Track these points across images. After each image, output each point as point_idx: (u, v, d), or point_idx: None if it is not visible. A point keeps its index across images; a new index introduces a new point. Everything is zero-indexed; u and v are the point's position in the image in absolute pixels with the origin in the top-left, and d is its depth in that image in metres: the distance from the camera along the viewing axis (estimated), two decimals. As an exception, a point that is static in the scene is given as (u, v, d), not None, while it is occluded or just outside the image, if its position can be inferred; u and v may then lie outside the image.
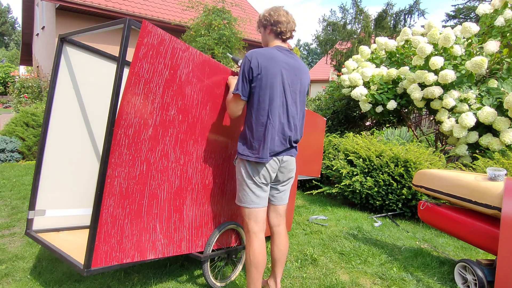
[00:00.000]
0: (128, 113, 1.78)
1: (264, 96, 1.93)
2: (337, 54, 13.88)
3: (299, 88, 2.08)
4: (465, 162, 4.17)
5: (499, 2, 4.49)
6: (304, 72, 2.13)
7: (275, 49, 2.03)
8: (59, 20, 9.56)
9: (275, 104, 1.95)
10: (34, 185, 2.34)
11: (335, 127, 6.08)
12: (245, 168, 2.00)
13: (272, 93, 1.94)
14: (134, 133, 1.83)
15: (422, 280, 2.56)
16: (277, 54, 2.00)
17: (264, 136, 1.94)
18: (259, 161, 1.95)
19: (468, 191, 2.44)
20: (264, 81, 1.93)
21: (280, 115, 1.98)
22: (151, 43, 1.80)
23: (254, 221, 2.02)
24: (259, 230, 2.02)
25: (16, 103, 10.84)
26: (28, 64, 19.04)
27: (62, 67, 2.39)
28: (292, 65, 2.04)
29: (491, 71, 4.47)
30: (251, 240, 2.00)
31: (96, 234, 1.74)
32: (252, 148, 1.96)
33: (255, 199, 2.02)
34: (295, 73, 2.05)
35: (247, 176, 2.00)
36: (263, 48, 2.06)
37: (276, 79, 1.95)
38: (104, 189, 1.74)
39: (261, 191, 2.03)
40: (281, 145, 2.00)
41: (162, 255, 2.03)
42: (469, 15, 17.70)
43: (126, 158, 1.81)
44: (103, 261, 1.76)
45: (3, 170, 5.36)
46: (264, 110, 1.94)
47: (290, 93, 2.01)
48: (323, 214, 4.13)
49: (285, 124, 2.00)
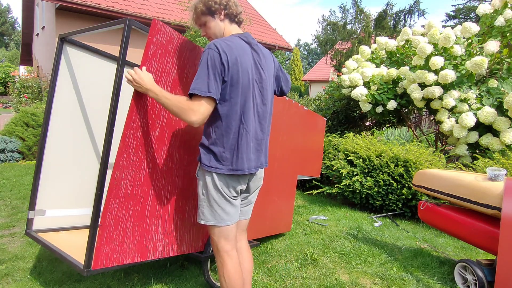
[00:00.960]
0: (138, 114, 1.75)
1: (236, 97, 1.63)
2: (337, 54, 13.88)
3: (268, 82, 1.80)
4: (465, 162, 4.17)
5: (499, 2, 4.49)
6: (268, 59, 1.83)
7: (237, 38, 1.71)
8: (59, 20, 9.56)
9: (248, 105, 1.67)
10: (34, 185, 2.34)
11: (335, 127, 6.08)
12: (212, 182, 1.69)
13: (245, 93, 1.66)
14: (142, 135, 1.81)
15: (422, 280, 2.56)
16: (243, 44, 1.70)
17: (238, 144, 1.66)
18: (234, 173, 1.67)
19: (468, 191, 2.44)
20: (235, 78, 1.62)
21: (252, 118, 1.71)
22: (160, 41, 1.77)
23: (225, 239, 1.76)
24: (231, 248, 1.77)
25: (16, 103, 10.85)
26: (28, 64, 19.05)
27: (62, 67, 2.39)
28: (257, 55, 1.75)
29: (491, 71, 4.47)
30: (224, 261, 1.74)
31: (97, 235, 1.72)
32: (223, 159, 1.66)
33: (225, 216, 1.74)
34: (261, 64, 1.76)
35: (216, 191, 1.70)
36: (226, 37, 1.69)
37: (247, 75, 1.67)
38: (110, 192, 1.72)
39: (231, 206, 1.75)
40: (256, 152, 1.76)
41: (163, 255, 2.03)
42: (469, 15, 17.70)
43: (134, 160, 1.79)
44: (104, 263, 1.76)
45: (3, 170, 5.36)
46: (237, 113, 1.65)
47: (259, 90, 1.75)
48: (323, 214, 4.13)
49: (258, 127, 1.76)
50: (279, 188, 2.96)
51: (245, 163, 1.69)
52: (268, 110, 1.81)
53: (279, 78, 1.98)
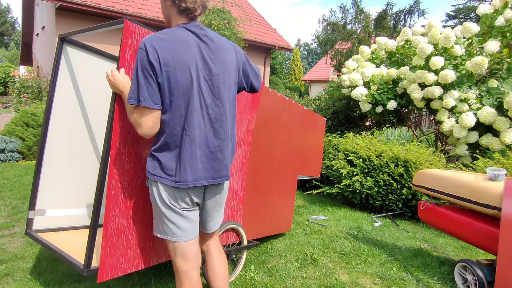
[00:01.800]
0: (125, 119, 1.71)
1: (177, 99, 1.43)
2: (337, 54, 13.88)
3: (223, 78, 1.54)
4: (465, 162, 4.17)
5: (499, 2, 4.49)
6: (226, 51, 1.56)
7: (180, 28, 1.49)
8: (59, 20, 9.56)
9: (191, 108, 1.44)
10: (34, 185, 2.34)
11: (335, 127, 6.08)
12: (158, 192, 1.52)
13: (188, 93, 1.44)
14: (133, 140, 1.78)
15: (422, 280, 2.56)
16: (186, 35, 1.47)
17: (180, 153, 1.46)
18: (177, 186, 1.48)
19: (468, 191, 2.44)
20: (173, 78, 1.41)
21: (200, 122, 1.48)
22: (137, 43, 1.72)
23: (182, 258, 1.57)
24: (190, 269, 1.57)
25: (16, 103, 10.84)
26: (28, 64, 19.06)
27: (62, 67, 2.39)
28: (206, 47, 1.51)
29: (491, 71, 4.47)
30: (181, 282, 1.57)
31: (101, 248, 1.69)
32: (167, 168, 1.48)
33: (177, 231, 1.54)
34: (211, 57, 1.51)
35: (162, 203, 1.52)
36: (164, 30, 1.50)
37: (189, 72, 1.43)
38: (108, 202, 1.69)
39: (184, 220, 1.55)
40: (208, 161, 1.52)
41: (165, 259, 2.02)
42: (469, 15, 17.69)
43: (128, 167, 1.77)
44: (109, 275, 1.74)
45: (3, 170, 5.36)
46: (180, 117, 1.44)
47: (209, 88, 1.50)
48: (323, 214, 4.13)
49: (209, 133, 1.52)
50: (279, 188, 2.96)
51: (188, 175, 1.47)
52: (225, 111, 1.56)
53: (247, 73, 1.71)
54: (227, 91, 1.57)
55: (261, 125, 2.60)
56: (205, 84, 1.49)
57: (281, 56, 28.68)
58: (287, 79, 29.12)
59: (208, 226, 1.74)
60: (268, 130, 2.70)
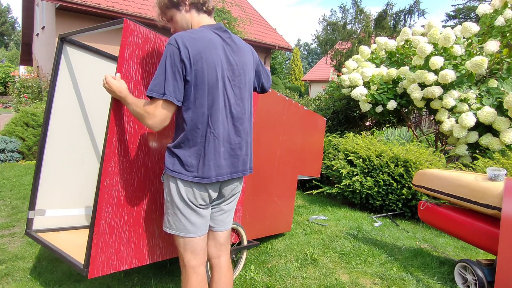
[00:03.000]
0: (121, 118, 1.72)
1: (201, 97, 1.47)
2: (337, 54, 13.88)
3: (244, 78, 1.61)
4: (465, 162, 4.17)
5: (499, 2, 4.49)
6: (246, 53, 1.63)
7: (206, 29, 1.53)
8: (59, 20, 9.57)
9: (216, 106, 1.49)
10: (34, 185, 2.34)
11: (335, 127, 6.08)
12: (176, 188, 1.54)
13: (213, 93, 1.49)
14: (130, 138, 1.77)
15: (422, 280, 2.56)
16: (212, 36, 1.52)
17: (204, 150, 1.50)
18: (199, 181, 1.51)
19: (468, 191, 2.44)
20: (200, 77, 1.45)
21: (224, 120, 1.54)
22: (136, 42, 1.72)
23: (191, 253, 1.60)
24: (198, 264, 1.61)
25: (16, 103, 10.84)
26: (28, 64, 19.06)
27: (62, 67, 2.39)
28: (229, 49, 1.56)
29: (491, 71, 4.47)
30: (188, 277, 1.59)
31: (92, 244, 1.69)
32: (187, 165, 1.50)
33: (190, 227, 1.58)
34: (235, 58, 1.57)
35: (180, 199, 1.55)
36: (192, 30, 1.54)
37: (215, 72, 1.48)
38: (101, 199, 1.68)
39: (198, 216, 1.59)
40: (230, 158, 1.58)
41: (161, 258, 2.02)
42: (469, 15, 17.69)
43: (124, 165, 1.76)
44: (100, 271, 1.74)
45: (3, 170, 5.36)
46: (203, 115, 1.48)
47: (232, 88, 1.56)
48: (323, 214, 4.13)
49: (231, 130, 1.57)
50: (279, 188, 2.96)
51: (212, 170, 1.52)
52: (246, 110, 1.63)
53: (259, 74, 1.80)
54: (247, 91, 1.65)
55: (261, 125, 2.60)
56: (229, 84, 1.55)
57: (281, 56, 28.69)
58: (287, 79, 29.12)
59: (220, 223, 1.73)
60: (268, 130, 2.70)
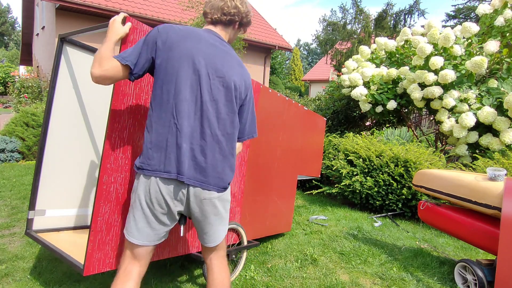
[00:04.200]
0: (121, 115, 1.72)
1: (168, 84, 1.42)
2: (337, 54, 13.88)
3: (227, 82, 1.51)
4: (465, 162, 4.17)
5: (499, 2, 4.49)
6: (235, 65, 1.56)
7: (201, 30, 1.57)
8: (59, 20, 9.57)
9: (182, 97, 1.42)
10: (34, 185, 2.34)
11: (335, 127, 6.09)
12: (136, 185, 1.48)
13: (181, 82, 1.42)
14: (129, 136, 1.77)
15: (422, 280, 2.56)
16: (200, 33, 1.52)
17: (167, 141, 1.41)
18: (153, 174, 1.41)
19: (468, 191, 2.44)
20: (171, 63, 1.42)
21: (190, 115, 1.44)
22: (138, 40, 1.72)
23: (131, 257, 1.48)
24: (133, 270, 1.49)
25: (16, 103, 10.83)
26: (28, 64, 19.06)
27: (62, 67, 2.39)
28: (220, 52, 1.53)
29: (491, 71, 4.48)
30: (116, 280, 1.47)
31: (88, 241, 1.69)
32: (149, 157, 1.42)
33: (135, 232, 1.45)
34: (223, 62, 1.52)
35: (136, 197, 1.46)
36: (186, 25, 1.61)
37: (188, 63, 1.44)
38: (99, 196, 1.68)
39: (147, 224, 1.45)
40: (193, 160, 1.43)
41: (158, 258, 2.02)
42: (469, 15, 17.69)
43: (122, 162, 1.76)
44: (96, 268, 1.74)
45: (3, 170, 5.36)
46: (168, 103, 1.42)
47: (210, 87, 1.47)
48: (323, 214, 4.13)
49: (197, 129, 1.45)
50: (279, 188, 2.96)
51: (173, 165, 1.41)
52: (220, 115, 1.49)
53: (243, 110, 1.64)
54: (227, 98, 1.51)
55: (261, 125, 2.60)
56: (207, 80, 1.47)
57: (281, 56, 28.68)
58: (287, 79, 29.12)
59: (203, 239, 1.61)
60: (268, 130, 2.70)
